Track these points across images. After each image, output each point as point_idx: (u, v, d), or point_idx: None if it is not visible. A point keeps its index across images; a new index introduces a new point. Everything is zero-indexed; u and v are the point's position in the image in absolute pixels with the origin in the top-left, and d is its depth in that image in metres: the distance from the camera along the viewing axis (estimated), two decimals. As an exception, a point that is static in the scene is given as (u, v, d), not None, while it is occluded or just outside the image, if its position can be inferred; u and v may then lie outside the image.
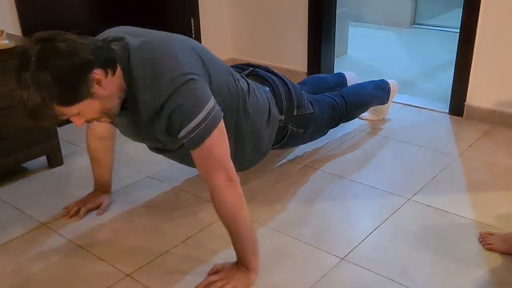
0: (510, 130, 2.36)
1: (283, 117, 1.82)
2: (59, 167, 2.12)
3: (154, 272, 1.49)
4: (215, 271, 1.44)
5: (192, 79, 1.32)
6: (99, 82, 1.27)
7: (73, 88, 1.23)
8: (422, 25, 4.66)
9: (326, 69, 3.05)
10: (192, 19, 3.06)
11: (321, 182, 1.97)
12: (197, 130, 1.31)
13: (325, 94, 2.19)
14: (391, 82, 2.42)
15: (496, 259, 1.50)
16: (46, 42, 1.21)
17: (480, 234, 1.60)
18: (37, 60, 1.19)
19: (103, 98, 1.30)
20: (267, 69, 1.94)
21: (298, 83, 2.30)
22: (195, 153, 1.35)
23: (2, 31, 1.87)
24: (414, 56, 3.75)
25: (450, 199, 1.81)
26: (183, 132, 1.32)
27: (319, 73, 3.00)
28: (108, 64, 1.30)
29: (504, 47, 2.30)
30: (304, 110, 1.89)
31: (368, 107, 2.36)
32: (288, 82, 1.90)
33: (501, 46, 2.31)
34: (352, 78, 2.49)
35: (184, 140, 1.33)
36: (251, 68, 1.89)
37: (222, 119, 1.36)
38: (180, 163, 1.76)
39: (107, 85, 1.29)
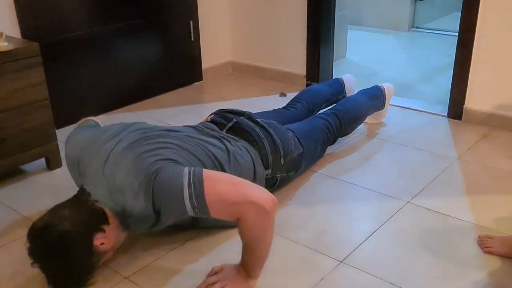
0: (509, 133, 2.36)
1: (270, 170, 1.76)
2: (58, 169, 2.12)
3: (152, 275, 1.49)
4: (213, 273, 1.44)
5: (156, 171, 1.32)
6: (102, 244, 1.37)
7: (87, 275, 1.39)
8: (421, 28, 4.67)
9: (325, 72, 3.05)
10: (191, 22, 3.06)
11: (320, 185, 1.97)
12: (194, 202, 1.29)
13: (318, 115, 2.16)
14: (386, 86, 2.41)
15: (495, 262, 1.50)
16: (45, 244, 1.31)
17: (479, 237, 1.60)
18: (44, 262, 1.34)
19: (112, 247, 1.42)
20: (250, 118, 1.85)
21: (292, 100, 2.28)
22: (213, 214, 1.31)
23: (2, 34, 1.87)
24: (413, 60, 3.76)
25: (449, 202, 1.81)
26: (188, 213, 1.32)
27: (318, 76, 3.01)
28: (101, 222, 1.36)
29: (503, 50, 2.31)
30: (292, 155, 1.83)
31: (364, 119, 2.35)
32: (272, 131, 1.81)
33: (500, 50, 2.32)
34: (351, 81, 2.48)
35: (194, 215, 1.33)
36: (234, 120, 1.81)
37: (203, 169, 1.33)
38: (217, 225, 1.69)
39: (109, 236, 1.38)
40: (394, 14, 4.64)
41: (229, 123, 1.80)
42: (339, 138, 2.22)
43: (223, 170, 1.56)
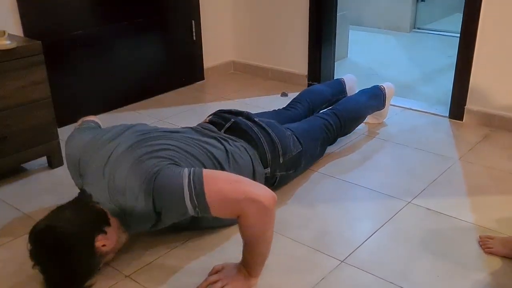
0: (510, 134, 2.36)
1: (269, 169, 1.77)
2: (59, 167, 2.12)
3: (154, 274, 1.49)
4: (215, 272, 1.44)
5: (157, 171, 1.33)
6: (104, 245, 1.37)
7: (88, 276, 1.39)
8: (422, 29, 4.67)
9: (326, 72, 3.05)
10: (193, 21, 3.06)
11: (321, 184, 1.97)
12: (195, 202, 1.29)
13: (317, 115, 2.16)
14: (387, 86, 2.41)
15: (496, 263, 1.50)
16: (47, 246, 1.31)
17: (480, 237, 1.60)
18: (46, 263, 1.33)
19: (113, 248, 1.42)
20: (248, 117, 1.85)
21: (293, 101, 2.28)
22: (214, 212, 1.31)
23: (4, 32, 1.88)
24: (414, 60, 3.76)
25: (450, 202, 1.82)
26: (189, 213, 1.32)
27: (320, 76, 3.01)
28: (102, 224, 1.37)
29: (504, 51, 2.31)
30: (291, 154, 1.83)
31: (364, 118, 2.35)
32: (270, 130, 1.81)
33: (501, 51, 2.32)
34: (352, 82, 2.48)
35: (196, 215, 1.33)
36: (232, 120, 1.81)
37: (203, 169, 1.34)
38: (217, 226, 1.69)
39: (110, 237, 1.39)
40: (395, 15, 4.64)
41: (227, 123, 1.81)
42: (340, 138, 2.23)
43: (222, 170, 1.57)
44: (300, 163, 1.91)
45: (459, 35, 2.42)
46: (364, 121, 2.47)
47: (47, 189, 1.96)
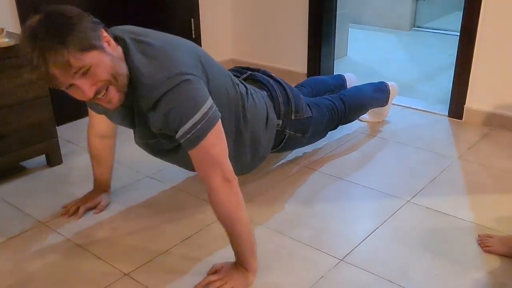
0: (510, 133, 2.36)
1: (281, 122, 1.82)
2: (58, 166, 2.12)
3: (153, 272, 1.49)
4: (214, 271, 1.44)
5: (188, 79, 1.32)
6: (108, 40, 1.28)
7: (86, 33, 1.21)
8: (422, 27, 4.67)
9: (326, 70, 3.05)
10: (192, 19, 3.06)
11: (320, 183, 1.97)
12: (194, 131, 1.30)
13: (324, 96, 2.19)
14: (391, 84, 2.43)
15: (495, 262, 1.50)
16: (48, 8, 1.24)
17: (479, 236, 1.60)
18: (46, 15, 1.22)
19: (112, 57, 1.27)
20: (265, 73, 1.93)
21: (297, 85, 2.31)
22: (192, 153, 1.34)
23: (2, 29, 1.87)
24: (414, 59, 3.76)
25: (449, 201, 1.82)
26: (179, 133, 1.32)
27: (319, 75, 3.01)
28: (113, 37, 1.31)
29: (504, 50, 2.31)
30: (302, 114, 1.89)
31: (367, 109, 2.36)
32: (286, 86, 1.89)
33: (501, 49, 2.31)
34: (352, 80, 2.49)
35: (181, 140, 1.33)
36: (249, 72, 1.88)
37: (220, 120, 1.36)
38: (178, 166, 1.75)
39: (113, 50, 1.30)
40: (395, 13, 4.64)
41: (243, 75, 1.86)
42: (340, 135, 2.23)
43: (243, 103, 1.61)
44: (308, 129, 1.95)
45: (459, 33, 2.42)
46: (364, 120, 2.47)
47: (45, 188, 1.96)
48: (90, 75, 1.23)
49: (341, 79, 2.47)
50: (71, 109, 2.47)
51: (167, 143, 1.53)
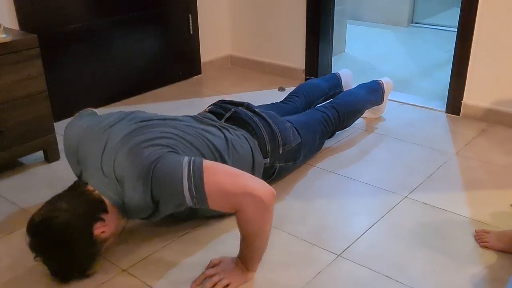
0: (507, 128, 2.37)
1: (268, 160, 1.77)
2: (56, 162, 2.12)
3: (150, 267, 1.49)
4: (212, 266, 1.44)
5: (155, 161, 1.31)
6: (103, 232, 1.37)
7: (88, 263, 1.41)
8: (420, 23, 4.67)
9: (324, 66, 3.05)
10: (190, 15, 3.05)
11: (318, 179, 1.97)
12: (193, 193, 1.28)
13: (316, 108, 2.16)
14: (385, 81, 2.42)
15: (492, 257, 1.51)
16: (45, 237, 1.32)
17: (476, 231, 1.60)
18: (46, 254, 1.35)
19: (112, 234, 1.42)
20: (249, 108, 1.87)
21: (290, 94, 2.28)
22: (211, 205, 1.31)
23: (0, 25, 1.86)
24: (412, 55, 3.76)
25: (446, 197, 1.82)
26: (187, 203, 1.30)
27: (317, 71, 3.01)
28: (100, 211, 1.37)
29: (502, 46, 2.31)
30: (290, 145, 1.84)
31: (363, 112, 2.35)
32: (270, 121, 1.82)
33: (499, 45, 2.32)
34: (348, 76, 2.48)
35: (194, 207, 1.32)
36: (232, 110, 1.81)
37: (203, 160, 1.33)
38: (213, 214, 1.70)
39: (109, 223, 1.38)
40: (393, 9, 4.63)
41: (227, 113, 1.80)
42: (338, 132, 2.23)
43: (222, 159, 1.56)
44: (299, 155, 1.91)
45: (456, 29, 2.42)
46: (362, 116, 2.47)
47: (43, 183, 1.96)
48: None
49: (336, 79, 2.44)
50: (69, 105, 2.47)
51: (187, 210, 1.54)
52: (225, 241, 1.59)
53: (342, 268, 1.47)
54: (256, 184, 1.30)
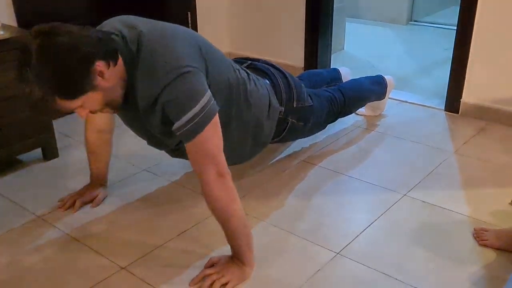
0: (506, 127, 2.37)
1: (283, 109, 1.81)
2: (54, 159, 2.11)
3: (149, 265, 1.49)
4: (211, 264, 1.44)
5: (187, 71, 1.31)
6: (101, 74, 1.27)
7: (76, 82, 1.24)
8: (419, 22, 4.66)
9: (323, 64, 3.04)
10: (189, 13, 3.04)
11: (317, 177, 1.97)
12: (191, 124, 1.30)
13: (322, 88, 2.19)
14: (388, 78, 2.43)
15: (490, 255, 1.51)
16: (46, 36, 1.20)
17: (475, 230, 1.61)
18: (38, 55, 1.19)
19: (106, 90, 1.31)
20: (265, 62, 1.93)
21: None
22: (188, 147, 1.34)
23: (-2, 22, 1.86)
24: (411, 53, 3.76)
25: (445, 195, 1.82)
26: (176, 125, 1.32)
27: (316, 68, 3.00)
28: (110, 56, 1.30)
29: (501, 44, 2.31)
30: (303, 103, 1.89)
31: (366, 101, 2.36)
32: (287, 74, 1.90)
33: (498, 44, 2.32)
34: (347, 74, 2.49)
35: (178, 133, 1.33)
36: (249, 61, 1.88)
37: (217, 113, 1.35)
38: (176, 157, 1.75)
39: (109, 77, 1.30)
40: (392, 7, 4.63)
41: (244, 64, 1.85)
42: (336, 129, 2.23)
43: (245, 88, 1.61)
44: (310, 119, 1.95)
45: (455, 28, 2.41)
46: (361, 114, 2.47)
47: (41, 181, 1.96)
48: (83, 107, 1.31)
49: (337, 73, 2.47)
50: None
51: (167, 140, 1.53)
52: (224, 240, 1.59)
53: (341, 266, 1.47)
54: (224, 161, 1.35)
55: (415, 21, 4.68)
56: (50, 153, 2.11)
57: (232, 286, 1.38)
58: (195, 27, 3.09)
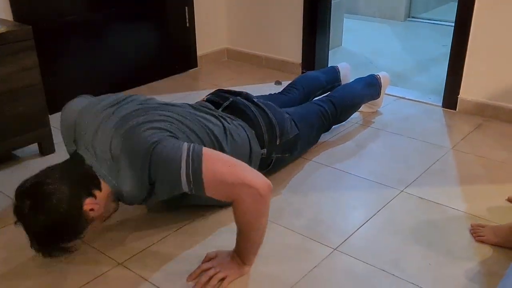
0: (503, 123, 2.37)
1: (266, 150, 1.77)
2: (50, 155, 2.10)
3: (146, 261, 1.49)
4: (208, 260, 1.44)
5: (155, 143, 1.30)
6: (92, 210, 1.33)
7: (74, 232, 1.34)
8: (417, 18, 4.66)
9: (321, 60, 3.04)
10: (186, 8, 3.03)
11: (314, 173, 1.97)
12: (190, 178, 1.27)
13: (313, 101, 2.16)
14: (382, 75, 2.41)
15: (487, 251, 1.51)
16: (34, 199, 1.27)
17: (472, 226, 1.61)
18: (32, 223, 1.28)
19: (100, 215, 1.39)
20: (247, 97, 1.86)
21: (288, 86, 2.28)
22: (208, 192, 1.29)
23: (-6, 16, 1.85)
24: (409, 49, 3.76)
25: (442, 191, 1.83)
26: (183, 188, 1.29)
27: (314, 64, 3.00)
28: (93, 187, 1.34)
29: (498, 41, 2.31)
30: (287, 136, 1.84)
31: (359, 106, 2.35)
32: (268, 111, 1.82)
33: (495, 40, 2.32)
34: (346, 70, 2.48)
35: (190, 192, 1.31)
36: (231, 99, 1.81)
37: (203, 148, 1.32)
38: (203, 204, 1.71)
39: (99, 202, 1.35)
40: (390, 4, 4.62)
41: (225, 102, 1.80)
42: (334, 126, 2.23)
43: (220, 146, 1.56)
44: (296, 147, 1.91)
45: (453, 24, 2.41)
46: (358, 110, 2.47)
47: (38, 176, 1.95)
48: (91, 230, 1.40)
49: (335, 72, 2.44)
50: (63, 97, 2.44)
51: (185, 199, 1.53)
52: (222, 235, 1.59)
53: (338, 262, 1.48)
54: (254, 176, 1.30)
55: (413, 17, 4.68)
56: (46, 148, 2.10)
57: (229, 281, 1.38)
58: (192, 23, 3.08)
